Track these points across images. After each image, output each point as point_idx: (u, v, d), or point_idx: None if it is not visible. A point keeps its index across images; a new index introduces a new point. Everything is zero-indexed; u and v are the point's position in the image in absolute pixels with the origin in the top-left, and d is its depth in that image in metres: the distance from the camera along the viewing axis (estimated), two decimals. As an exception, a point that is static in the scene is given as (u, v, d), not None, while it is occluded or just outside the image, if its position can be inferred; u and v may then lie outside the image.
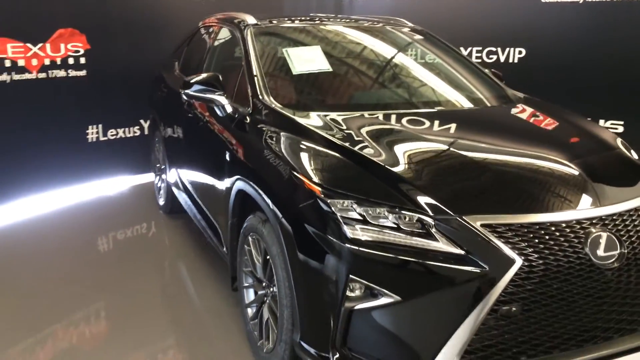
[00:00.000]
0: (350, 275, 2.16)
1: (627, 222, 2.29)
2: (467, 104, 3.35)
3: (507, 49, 6.24)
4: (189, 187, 4.07)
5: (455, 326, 2.09)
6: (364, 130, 2.69)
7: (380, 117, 2.90)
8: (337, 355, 2.25)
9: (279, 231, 2.46)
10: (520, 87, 3.81)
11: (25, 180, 5.23)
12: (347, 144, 2.53)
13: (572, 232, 2.18)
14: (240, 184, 2.89)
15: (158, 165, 5.11)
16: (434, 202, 2.19)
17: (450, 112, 3.17)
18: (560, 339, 2.22)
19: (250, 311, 2.97)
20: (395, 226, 2.18)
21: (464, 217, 2.14)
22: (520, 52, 6.24)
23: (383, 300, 2.15)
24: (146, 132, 5.94)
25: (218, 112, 3.36)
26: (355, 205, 2.22)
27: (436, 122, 2.89)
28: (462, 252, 2.11)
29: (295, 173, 2.44)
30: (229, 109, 3.23)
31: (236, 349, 3.04)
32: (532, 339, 2.18)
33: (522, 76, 6.08)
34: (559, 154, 2.62)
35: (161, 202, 5.10)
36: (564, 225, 2.19)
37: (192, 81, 3.26)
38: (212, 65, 3.95)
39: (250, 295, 2.99)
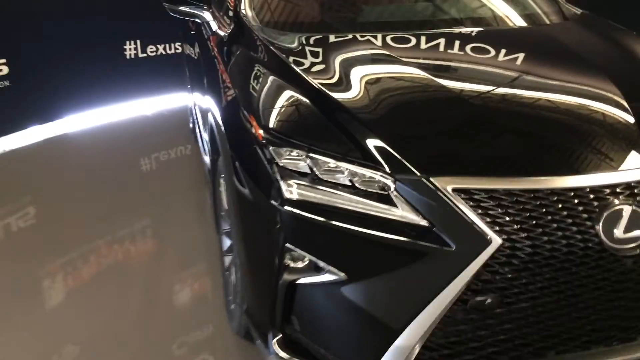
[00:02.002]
0: (287, 244, 1.74)
1: None
2: (494, 23, 2.68)
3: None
4: (198, 113, 3.72)
5: (411, 317, 1.64)
6: (342, 60, 2.17)
7: (373, 40, 2.34)
8: (279, 337, 1.87)
9: (228, 176, 2.06)
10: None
11: (60, 99, 5.07)
12: (311, 77, 2.03)
13: (580, 204, 1.62)
14: (210, 118, 2.48)
15: (188, 85, 4.78)
16: (396, 156, 1.68)
17: (465, 34, 2.52)
18: (556, 339, 1.71)
19: (227, 260, 2.63)
20: (350, 184, 1.71)
21: (431, 179, 1.62)
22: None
23: (327, 277, 1.72)
24: (187, 48, 5.61)
25: (205, 31, 2.92)
26: (305, 157, 1.76)
27: (440, 46, 2.30)
28: (425, 224, 1.62)
29: (244, 111, 1.99)
30: (214, 27, 2.78)
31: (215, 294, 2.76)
32: (516, 337, 1.69)
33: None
34: (592, 91, 1.99)
35: (190, 124, 4.80)
36: (570, 194, 1.62)
37: (177, -7, 2.82)
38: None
39: (227, 242, 2.64)
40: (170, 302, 2.75)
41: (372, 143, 1.72)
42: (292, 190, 1.72)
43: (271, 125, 1.86)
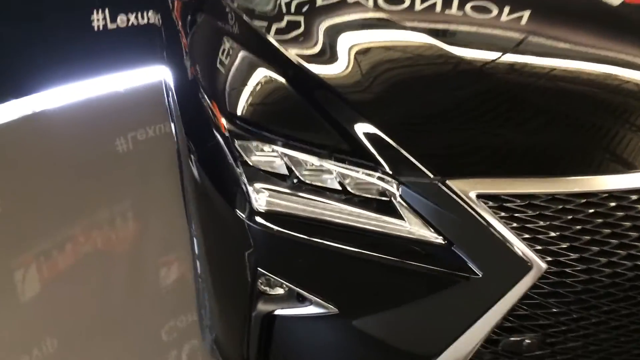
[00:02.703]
0: (259, 269, 1.34)
1: None
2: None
3: None
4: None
5: (424, 362, 1.25)
6: (329, 28, 1.74)
7: (367, 1, 1.90)
8: None
9: (187, 174, 1.66)
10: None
11: (24, 77, 4.60)
12: (290, 51, 1.59)
13: (646, 210, 1.21)
14: (170, 97, 2.07)
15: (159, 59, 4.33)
16: (401, 151, 1.26)
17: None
18: (611, 381, 1.33)
19: (199, 265, 2.24)
20: (341, 188, 1.30)
21: (448, 182, 1.21)
22: None
23: (311, 310, 1.32)
24: (163, 18, 5.12)
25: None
26: (281, 153, 1.34)
27: (452, 6, 1.86)
28: (441, 242, 1.21)
29: (203, 94, 1.57)
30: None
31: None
32: (561, 382, 1.30)
33: None
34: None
35: (166, 101, 4.36)
36: (633, 197, 1.21)
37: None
38: None
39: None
40: (154, 288, 2.52)
41: (368, 134, 1.30)
42: (263, 198, 1.31)
43: (238, 112, 1.44)
